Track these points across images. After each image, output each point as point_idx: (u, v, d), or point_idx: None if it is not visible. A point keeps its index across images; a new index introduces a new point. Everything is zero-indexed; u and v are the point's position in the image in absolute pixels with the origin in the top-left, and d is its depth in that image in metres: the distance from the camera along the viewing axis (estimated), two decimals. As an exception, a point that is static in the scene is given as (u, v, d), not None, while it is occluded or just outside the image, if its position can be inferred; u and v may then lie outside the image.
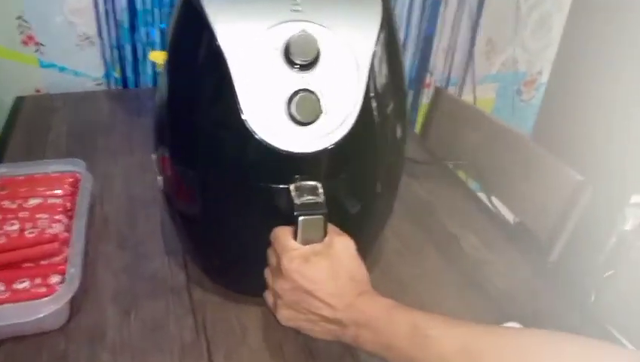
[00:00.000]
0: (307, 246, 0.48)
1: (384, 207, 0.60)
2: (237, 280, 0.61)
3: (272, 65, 0.47)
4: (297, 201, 0.47)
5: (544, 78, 1.49)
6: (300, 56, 0.47)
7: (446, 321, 0.43)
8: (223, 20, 0.47)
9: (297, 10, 0.48)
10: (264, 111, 0.47)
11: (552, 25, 1.40)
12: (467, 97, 1.41)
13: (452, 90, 1.39)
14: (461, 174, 0.97)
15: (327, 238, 0.49)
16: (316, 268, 0.47)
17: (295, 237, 0.47)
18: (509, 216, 0.88)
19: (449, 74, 1.37)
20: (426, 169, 0.91)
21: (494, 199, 0.87)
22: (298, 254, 0.47)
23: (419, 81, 1.35)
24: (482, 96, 1.43)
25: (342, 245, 0.49)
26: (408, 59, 1.31)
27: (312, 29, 0.48)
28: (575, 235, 0.73)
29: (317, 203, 0.47)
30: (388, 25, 0.51)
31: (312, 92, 0.47)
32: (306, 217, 0.46)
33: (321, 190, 0.48)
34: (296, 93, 0.47)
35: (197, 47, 0.49)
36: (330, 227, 0.49)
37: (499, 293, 0.66)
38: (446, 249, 0.72)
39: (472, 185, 0.97)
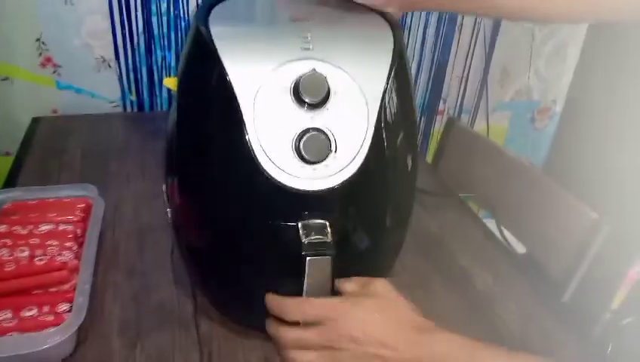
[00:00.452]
0: (343, 296, 0.47)
1: (394, 243, 0.59)
2: (243, 315, 0.61)
3: (281, 103, 0.47)
4: (305, 241, 0.47)
5: (558, 107, 1.48)
6: (310, 96, 0.47)
7: None
8: (233, 57, 0.48)
9: (308, 49, 0.49)
10: (273, 149, 0.47)
11: (567, 54, 1.40)
12: (480, 125, 1.40)
13: (465, 117, 1.39)
14: (472, 204, 0.96)
15: (357, 282, 0.48)
16: (366, 308, 0.45)
17: (302, 277, 0.47)
18: (520, 247, 0.87)
19: (462, 101, 1.37)
20: (437, 200, 0.90)
21: (505, 231, 0.86)
22: (341, 303, 0.46)
23: (431, 109, 1.35)
24: (495, 124, 1.42)
25: (378, 283, 0.48)
26: (421, 87, 1.31)
27: (323, 68, 0.48)
28: (589, 275, 0.72)
29: (325, 243, 0.47)
30: (400, 61, 0.51)
31: (321, 131, 0.47)
32: (313, 258, 0.46)
33: (329, 229, 0.48)
34: (305, 132, 0.47)
35: (207, 82, 0.50)
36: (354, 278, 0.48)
37: (509, 333, 0.64)
38: (456, 284, 0.71)
39: (482, 213, 0.97)
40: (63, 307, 0.59)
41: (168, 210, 0.59)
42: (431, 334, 0.45)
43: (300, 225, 0.48)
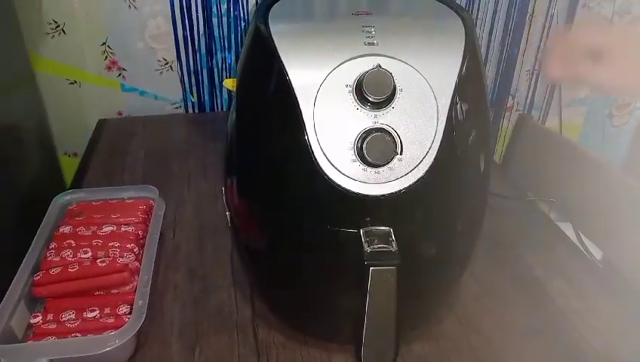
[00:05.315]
0: None
1: (464, 253, 0.55)
2: (302, 322, 0.58)
3: (343, 102, 0.44)
4: (368, 249, 0.44)
5: (640, 101, 1.37)
6: (374, 94, 0.44)
7: None
8: (293, 54, 0.45)
9: (372, 44, 0.46)
10: (334, 151, 0.45)
11: (651, 44, 1.29)
12: (552, 122, 1.32)
13: (535, 114, 1.31)
14: (543, 206, 0.89)
15: None
16: None
17: (365, 288, 0.44)
18: (596, 251, 0.80)
19: (533, 97, 1.29)
20: (508, 203, 0.84)
21: (582, 236, 0.80)
22: None
23: (499, 105, 1.28)
24: (569, 120, 1.33)
25: None
26: (489, 82, 1.25)
27: (388, 64, 0.44)
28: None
29: (389, 252, 0.44)
30: (472, 54, 0.47)
31: (385, 131, 0.44)
32: (377, 268, 0.43)
33: (393, 237, 0.45)
34: (368, 132, 0.44)
35: (265, 81, 0.48)
36: None
37: (594, 353, 0.59)
38: (530, 294, 0.66)
39: (553, 216, 0.90)
40: (124, 309, 0.59)
41: (228, 213, 0.57)
42: None
43: (362, 232, 0.45)
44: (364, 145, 0.44)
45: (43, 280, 0.61)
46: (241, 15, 1.08)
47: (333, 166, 0.45)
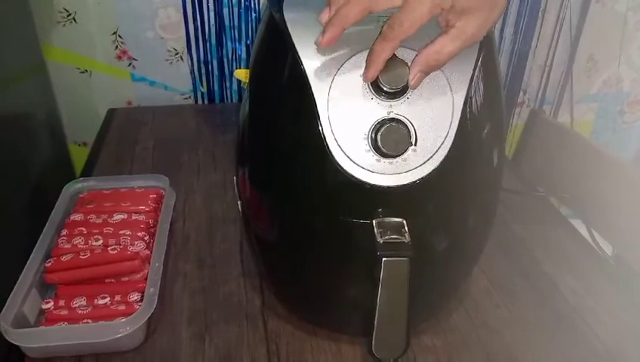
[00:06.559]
0: None
1: (476, 245, 0.55)
2: (312, 313, 0.59)
3: (358, 92, 0.44)
4: (380, 240, 0.44)
5: (652, 98, 1.36)
6: (389, 83, 0.43)
7: None
8: (308, 43, 0.45)
9: (388, 34, 0.45)
10: (347, 141, 0.44)
11: (664, 40, 1.28)
12: (563, 118, 1.31)
13: (546, 110, 1.30)
14: (554, 201, 0.89)
15: None
16: None
17: (377, 279, 0.44)
18: (607, 247, 0.80)
19: (544, 93, 1.28)
20: (520, 198, 0.84)
21: (594, 232, 0.80)
22: None
23: (511, 100, 1.28)
24: (580, 117, 1.32)
25: None
26: (499, 77, 1.24)
27: (404, 54, 0.44)
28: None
29: (402, 243, 0.44)
30: (488, 46, 0.47)
31: (400, 122, 0.44)
32: (389, 259, 0.43)
33: (406, 228, 0.45)
34: (382, 123, 0.44)
35: (279, 70, 0.47)
36: None
37: (605, 349, 0.58)
38: (540, 289, 0.66)
39: (564, 211, 0.89)
40: (134, 296, 0.59)
41: (239, 201, 0.57)
42: None
43: (374, 223, 0.45)
44: (379, 136, 0.43)
45: (54, 267, 0.61)
46: (252, 5, 1.08)
47: (346, 156, 0.45)
